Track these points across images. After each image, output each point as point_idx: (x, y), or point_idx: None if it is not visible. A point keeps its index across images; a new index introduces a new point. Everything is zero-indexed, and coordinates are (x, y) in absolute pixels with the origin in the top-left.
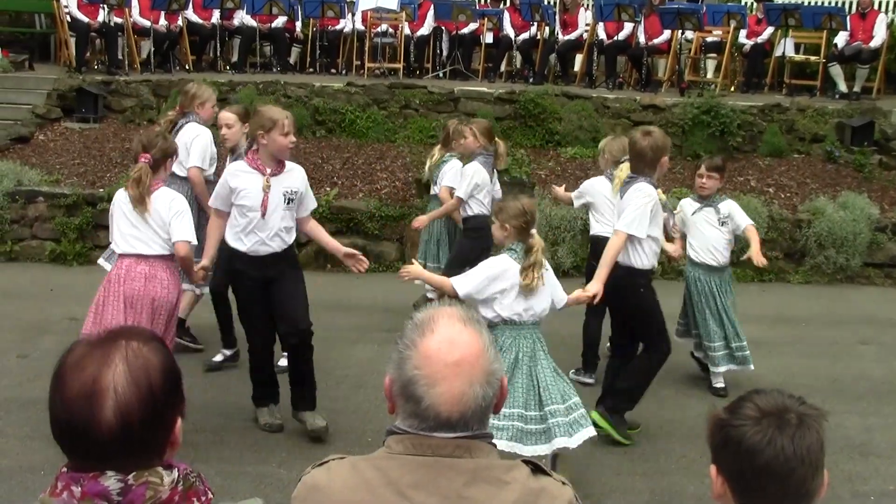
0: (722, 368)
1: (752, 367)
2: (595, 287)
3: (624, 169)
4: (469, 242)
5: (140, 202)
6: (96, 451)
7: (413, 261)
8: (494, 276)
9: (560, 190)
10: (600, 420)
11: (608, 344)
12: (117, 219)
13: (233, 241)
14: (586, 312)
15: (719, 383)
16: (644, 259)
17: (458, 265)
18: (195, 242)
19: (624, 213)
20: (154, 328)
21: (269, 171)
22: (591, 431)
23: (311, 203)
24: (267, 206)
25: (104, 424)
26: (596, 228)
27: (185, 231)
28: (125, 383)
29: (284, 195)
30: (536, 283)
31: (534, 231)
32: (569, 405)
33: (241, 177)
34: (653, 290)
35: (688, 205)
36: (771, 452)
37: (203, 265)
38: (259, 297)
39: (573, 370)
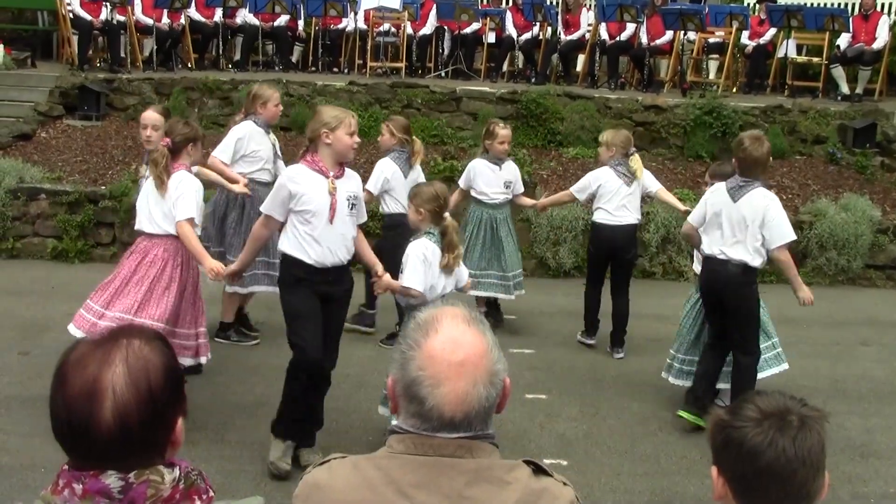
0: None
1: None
2: (806, 293)
3: (637, 160)
4: (385, 242)
5: (160, 184)
6: (96, 451)
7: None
8: (424, 258)
9: (545, 200)
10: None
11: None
12: (141, 198)
13: (295, 251)
14: (586, 283)
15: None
16: (759, 259)
17: (388, 267)
18: (198, 221)
19: (774, 224)
20: (144, 301)
21: (332, 173)
22: None
23: (363, 215)
24: (336, 209)
25: (103, 425)
26: (600, 216)
27: (183, 210)
28: (124, 384)
29: (348, 200)
30: (454, 263)
31: (447, 215)
32: None
33: (301, 181)
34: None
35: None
36: (772, 454)
37: (231, 270)
38: (317, 309)
39: (579, 332)
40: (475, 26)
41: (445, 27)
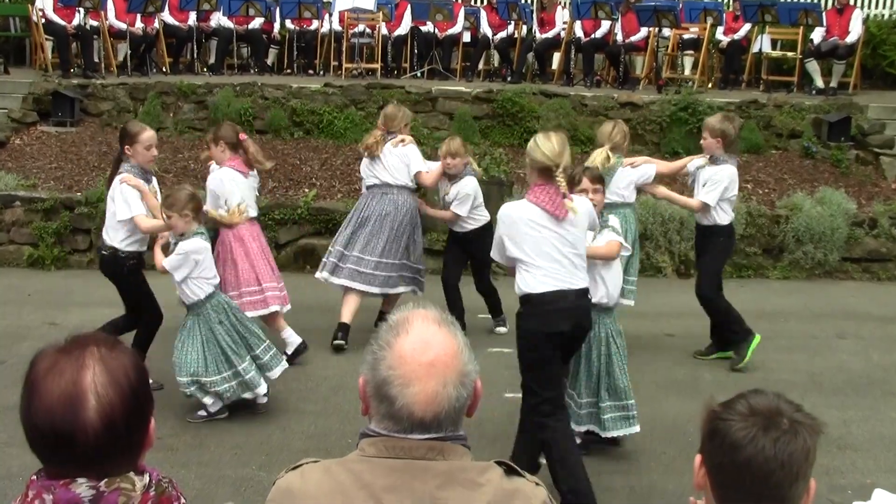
0: None
1: None
2: None
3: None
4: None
5: None
6: (79, 456)
7: None
8: None
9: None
10: None
11: None
12: None
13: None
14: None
15: None
16: None
17: None
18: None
19: None
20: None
21: None
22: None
23: None
24: None
25: (89, 427)
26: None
27: None
28: (106, 383)
29: None
30: None
31: None
32: None
33: None
34: None
35: None
36: (752, 450)
37: None
38: None
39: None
40: (457, 28)
41: (420, 27)
